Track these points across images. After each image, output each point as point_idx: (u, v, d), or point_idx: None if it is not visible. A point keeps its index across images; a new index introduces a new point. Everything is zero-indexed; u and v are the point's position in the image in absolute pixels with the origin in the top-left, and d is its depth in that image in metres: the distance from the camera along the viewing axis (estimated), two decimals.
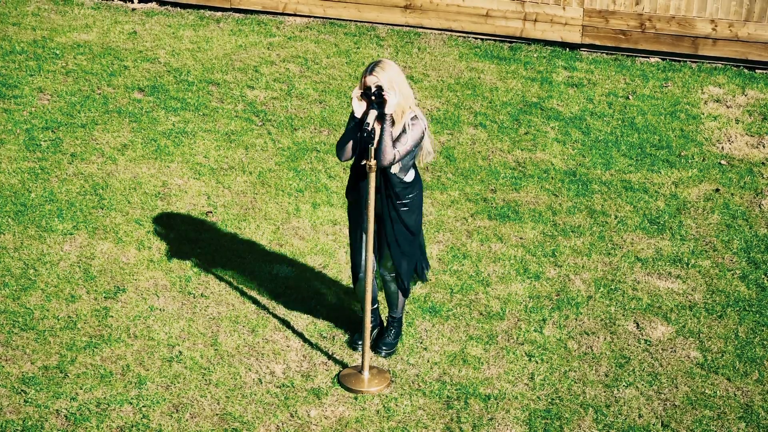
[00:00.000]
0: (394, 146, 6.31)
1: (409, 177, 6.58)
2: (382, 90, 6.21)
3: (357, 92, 6.29)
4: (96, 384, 6.66)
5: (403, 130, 6.37)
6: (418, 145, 6.42)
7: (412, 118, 6.39)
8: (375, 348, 6.98)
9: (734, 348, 7.13)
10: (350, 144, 6.38)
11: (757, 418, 6.57)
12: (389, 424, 6.46)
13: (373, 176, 6.32)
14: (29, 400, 6.53)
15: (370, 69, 6.28)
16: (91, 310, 7.30)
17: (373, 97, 6.22)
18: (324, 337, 7.13)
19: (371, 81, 6.25)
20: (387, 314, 7.12)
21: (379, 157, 6.28)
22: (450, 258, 7.91)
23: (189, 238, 8.07)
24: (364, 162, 6.34)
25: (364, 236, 6.65)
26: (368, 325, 6.65)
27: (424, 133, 6.42)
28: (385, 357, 6.94)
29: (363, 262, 6.70)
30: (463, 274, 7.74)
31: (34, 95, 9.93)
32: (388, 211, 6.56)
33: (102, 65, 10.54)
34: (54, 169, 8.81)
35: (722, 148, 9.41)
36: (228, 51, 10.96)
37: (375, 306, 7.05)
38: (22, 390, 6.60)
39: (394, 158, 6.32)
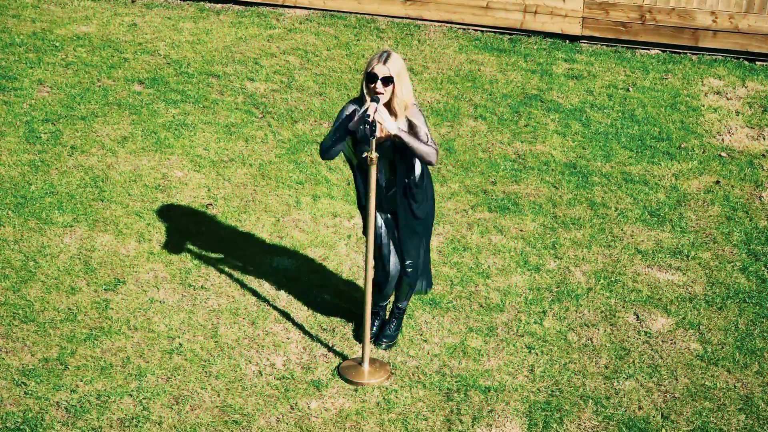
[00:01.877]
0: (422, 141, 6.36)
1: (417, 170, 6.61)
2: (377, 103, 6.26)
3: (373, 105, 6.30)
4: (96, 376, 6.67)
5: (410, 123, 6.40)
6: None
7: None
8: (376, 340, 6.99)
9: (734, 340, 7.13)
10: (339, 146, 6.41)
11: (756, 410, 6.57)
12: (389, 416, 6.47)
13: (374, 168, 6.32)
14: (29, 392, 6.54)
15: (384, 58, 6.29)
16: (91, 302, 7.30)
17: (377, 99, 6.24)
18: (324, 329, 7.14)
19: (381, 71, 6.27)
20: (392, 304, 7.11)
21: (424, 161, 6.36)
22: (450, 250, 7.91)
23: (189, 231, 8.07)
24: (365, 155, 6.34)
25: (386, 236, 6.70)
26: (368, 318, 6.65)
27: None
28: (385, 349, 6.96)
29: (391, 262, 6.76)
30: (463, 266, 7.74)
31: (34, 87, 9.93)
32: (401, 205, 6.62)
33: (102, 57, 10.54)
34: (54, 162, 8.81)
35: (722, 140, 9.40)
36: (228, 43, 10.95)
37: (385, 303, 7.07)
38: (22, 382, 6.61)
39: (436, 148, 6.38)
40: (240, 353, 6.90)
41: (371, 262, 6.57)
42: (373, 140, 6.25)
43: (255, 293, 7.43)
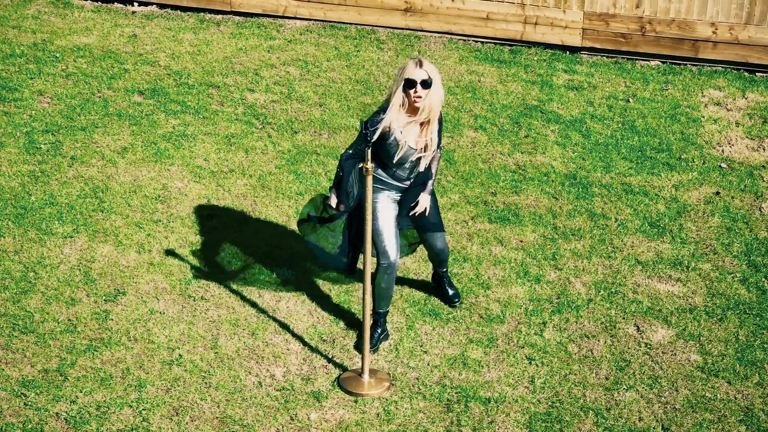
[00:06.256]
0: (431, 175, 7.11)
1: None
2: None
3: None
4: (96, 387, 6.66)
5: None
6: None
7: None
8: (449, 301, 7.40)
9: (734, 351, 7.12)
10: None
11: (757, 422, 6.56)
12: (389, 427, 6.46)
13: (370, 179, 6.38)
14: (29, 403, 6.53)
15: (419, 63, 6.57)
16: (91, 313, 7.29)
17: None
18: (324, 340, 7.13)
19: (419, 75, 6.54)
20: (434, 271, 7.47)
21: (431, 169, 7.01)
22: (450, 261, 7.90)
23: (189, 241, 8.06)
24: (361, 165, 6.41)
25: (391, 222, 6.93)
26: (368, 329, 6.64)
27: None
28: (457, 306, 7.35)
29: (394, 245, 6.94)
30: (464, 277, 7.74)
31: (34, 98, 9.94)
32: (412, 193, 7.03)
33: (102, 68, 10.55)
34: (54, 172, 8.81)
35: (722, 151, 9.41)
36: (228, 54, 10.97)
37: (386, 310, 7.08)
38: (22, 393, 6.60)
39: (439, 155, 7.19)
40: (240, 364, 6.89)
41: (369, 273, 6.57)
42: (368, 150, 6.31)
43: (255, 304, 7.43)
